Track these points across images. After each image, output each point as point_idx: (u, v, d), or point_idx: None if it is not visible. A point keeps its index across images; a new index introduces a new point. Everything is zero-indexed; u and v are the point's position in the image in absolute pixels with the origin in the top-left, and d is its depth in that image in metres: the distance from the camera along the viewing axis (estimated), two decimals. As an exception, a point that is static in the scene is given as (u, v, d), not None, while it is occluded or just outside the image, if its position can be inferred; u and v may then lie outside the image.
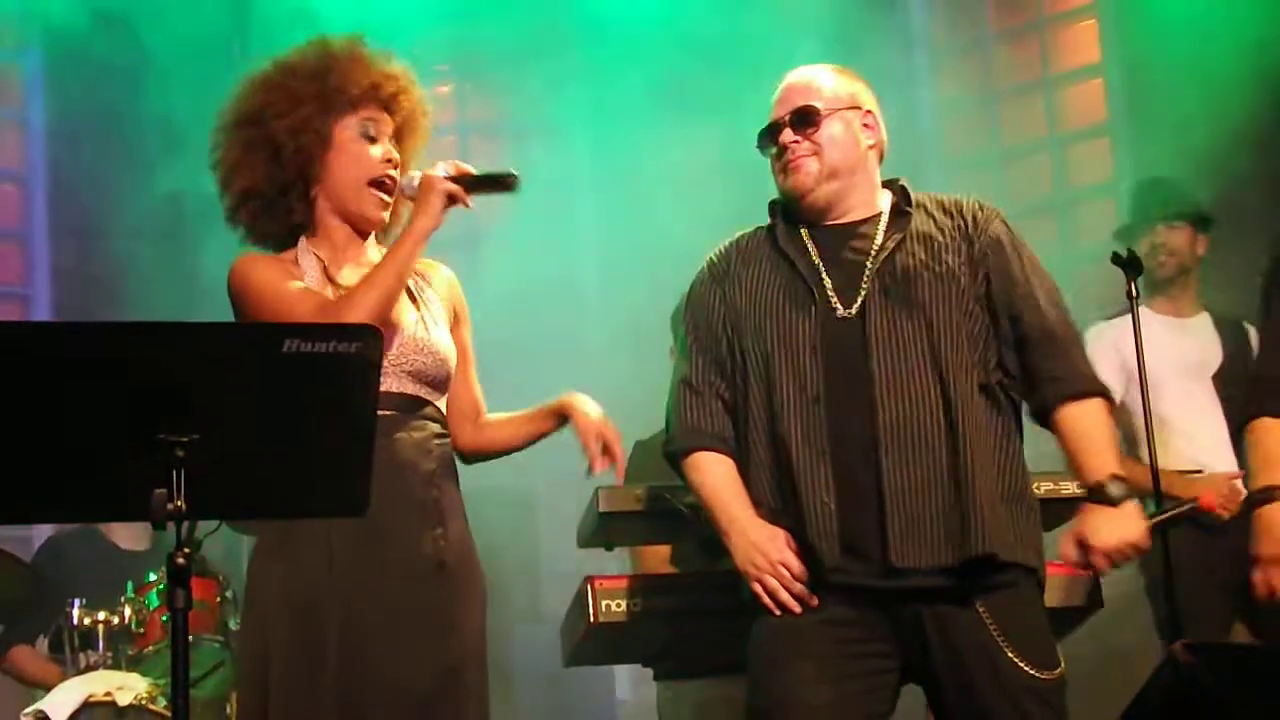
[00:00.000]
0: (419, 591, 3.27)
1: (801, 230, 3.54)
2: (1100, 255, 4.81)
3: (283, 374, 2.63)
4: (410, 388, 3.34)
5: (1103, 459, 3.39)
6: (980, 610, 3.30)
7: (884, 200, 3.57)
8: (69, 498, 2.69)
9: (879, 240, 3.49)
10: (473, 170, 3.38)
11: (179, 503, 2.57)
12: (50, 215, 7.55)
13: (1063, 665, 3.36)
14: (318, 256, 3.43)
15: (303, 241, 3.45)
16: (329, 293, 3.37)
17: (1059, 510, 4.17)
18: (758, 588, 3.37)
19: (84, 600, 4.94)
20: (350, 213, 3.45)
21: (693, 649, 4.13)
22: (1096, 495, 3.37)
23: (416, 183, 3.38)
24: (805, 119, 3.51)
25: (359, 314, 3.19)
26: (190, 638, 2.85)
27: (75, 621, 4.89)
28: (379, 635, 3.21)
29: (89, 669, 4.82)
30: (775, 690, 3.35)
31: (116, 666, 4.81)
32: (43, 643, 5.27)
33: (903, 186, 3.59)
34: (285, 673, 3.19)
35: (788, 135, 3.52)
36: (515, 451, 3.65)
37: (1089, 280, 7.12)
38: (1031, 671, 3.29)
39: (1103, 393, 3.48)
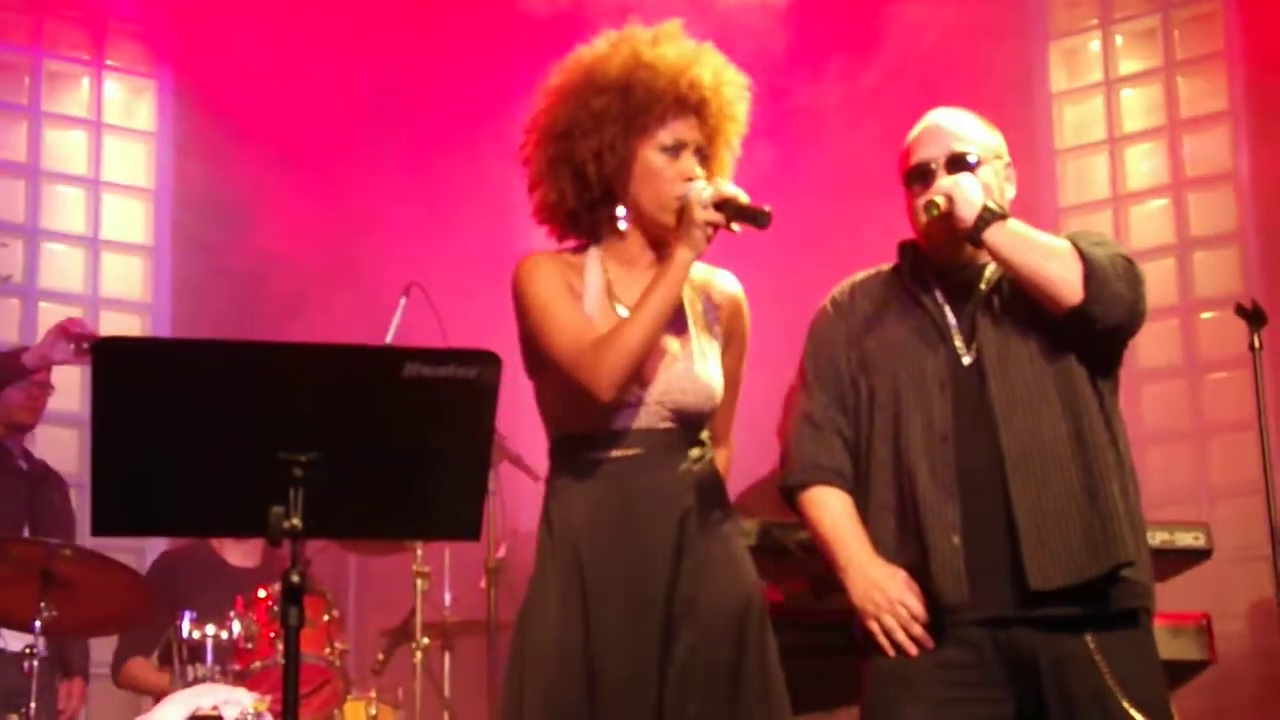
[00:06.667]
0: (663, 636, 3.15)
1: (929, 272, 3.53)
2: (1222, 304, 4.75)
3: (402, 397, 2.65)
4: (667, 423, 3.24)
5: None
6: (1099, 655, 3.26)
7: None
8: (189, 512, 2.73)
9: (989, 274, 3.48)
10: (739, 195, 3.23)
11: (295, 521, 2.59)
12: (175, 230, 7.69)
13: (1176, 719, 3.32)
14: (604, 270, 3.36)
15: (593, 250, 3.38)
16: (607, 312, 3.29)
17: (1174, 561, 4.12)
18: (875, 626, 3.34)
19: (194, 614, 4.99)
20: (653, 230, 3.34)
21: (798, 687, 4.10)
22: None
23: (704, 195, 3.23)
24: (960, 164, 3.47)
25: (616, 366, 3.13)
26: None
27: (185, 634, 4.94)
28: (621, 683, 3.13)
29: (196, 682, 4.87)
30: (887, 732, 3.33)
31: (224, 680, 4.86)
32: (153, 656, 5.33)
33: None
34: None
35: (943, 178, 3.47)
36: None
37: (1209, 328, 7.07)
38: (1146, 724, 3.25)
39: None
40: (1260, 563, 4.91)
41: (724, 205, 3.21)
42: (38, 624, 4.55)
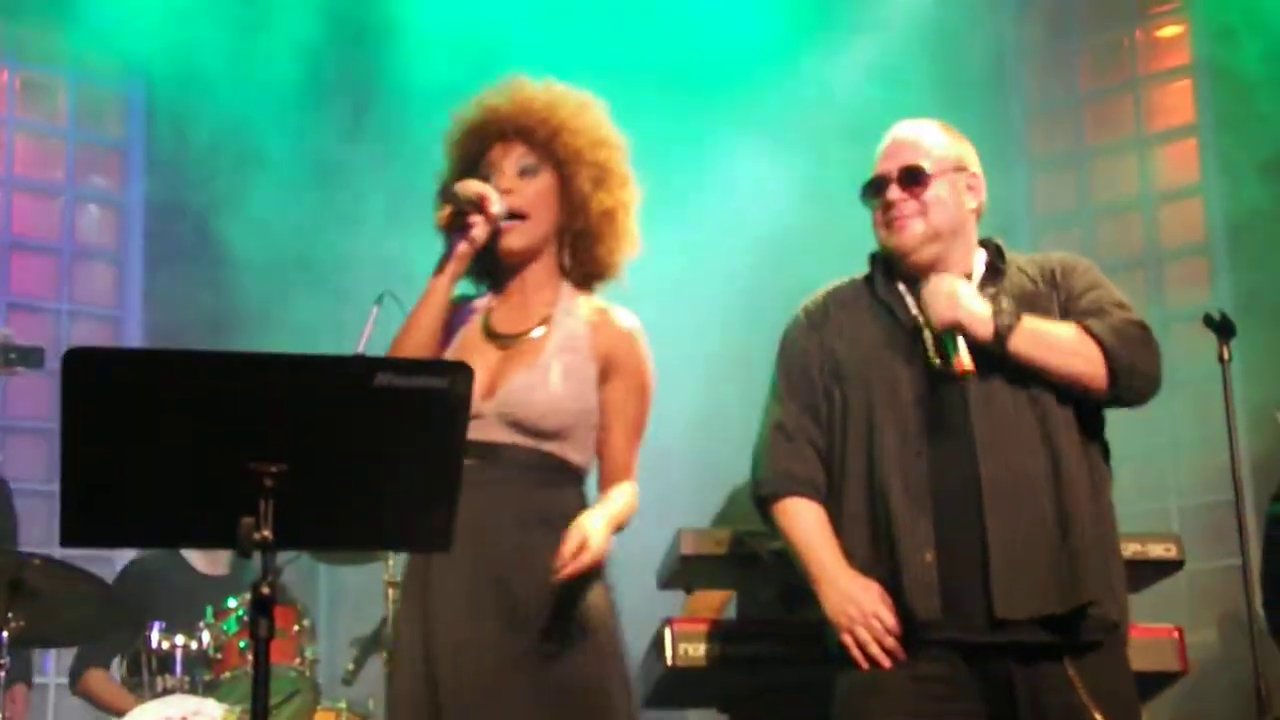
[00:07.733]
0: (494, 642, 3.17)
1: (899, 285, 3.52)
2: (1191, 316, 4.76)
3: (373, 407, 2.63)
4: (504, 436, 3.25)
5: None
6: (1070, 671, 3.27)
7: (979, 258, 3.55)
8: (157, 523, 2.71)
9: None
10: (456, 189, 3.39)
11: (266, 532, 2.58)
12: (146, 240, 7.66)
13: (1147, 730, 3.34)
14: (491, 301, 3.46)
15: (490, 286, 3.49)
16: (474, 339, 3.39)
17: (1145, 573, 4.14)
18: (848, 639, 3.33)
19: (163, 624, 4.97)
20: (512, 261, 3.45)
21: (770, 697, 4.11)
22: None
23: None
24: (913, 178, 3.48)
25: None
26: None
27: (154, 645, 4.92)
28: (448, 688, 3.15)
29: (166, 693, 4.84)
30: (860, 746, 3.32)
31: (193, 691, 4.83)
32: (119, 666, 5.29)
33: (997, 245, 3.58)
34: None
35: (894, 192, 3.48)
36: None
37: (1178, 340, 7.10)
38: (1117, 735, 3.26)
39: None
40: (1231, 573, 4.92)
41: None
42: (4, 634, 4.50)
